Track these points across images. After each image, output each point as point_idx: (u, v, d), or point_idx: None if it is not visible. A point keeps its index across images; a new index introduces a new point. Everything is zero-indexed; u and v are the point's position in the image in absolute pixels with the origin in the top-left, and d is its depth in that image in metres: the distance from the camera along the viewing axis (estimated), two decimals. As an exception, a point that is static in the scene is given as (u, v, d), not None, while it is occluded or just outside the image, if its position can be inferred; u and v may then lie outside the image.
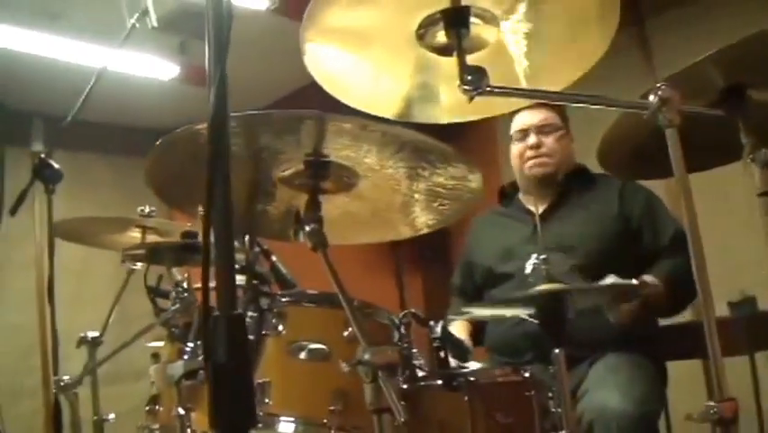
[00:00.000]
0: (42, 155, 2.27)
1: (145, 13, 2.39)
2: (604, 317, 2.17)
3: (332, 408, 1.58)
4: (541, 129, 2.45)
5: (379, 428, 1.14)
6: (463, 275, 2.67)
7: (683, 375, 2.45)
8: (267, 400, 1.60)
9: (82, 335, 2.42)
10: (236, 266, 2.15)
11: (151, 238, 2.40)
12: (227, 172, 0.69)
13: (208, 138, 0.68)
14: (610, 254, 2.27)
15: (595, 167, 2.00)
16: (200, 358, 1.70)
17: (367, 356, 1.11)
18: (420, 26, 1.36)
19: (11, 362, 4.44)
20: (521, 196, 2.59)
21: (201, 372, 1.66)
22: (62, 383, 2.18)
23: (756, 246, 1.48)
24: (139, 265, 2.36)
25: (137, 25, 2.41)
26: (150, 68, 4.47)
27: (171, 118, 4.99)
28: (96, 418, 2.38)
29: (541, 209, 2.42)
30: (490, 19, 1.36)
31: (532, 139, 2.45)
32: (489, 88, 1.26)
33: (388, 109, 1.52)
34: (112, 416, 2.44)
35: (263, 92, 4.70)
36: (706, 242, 1.31)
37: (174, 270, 2.14)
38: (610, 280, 2.03)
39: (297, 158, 1.49)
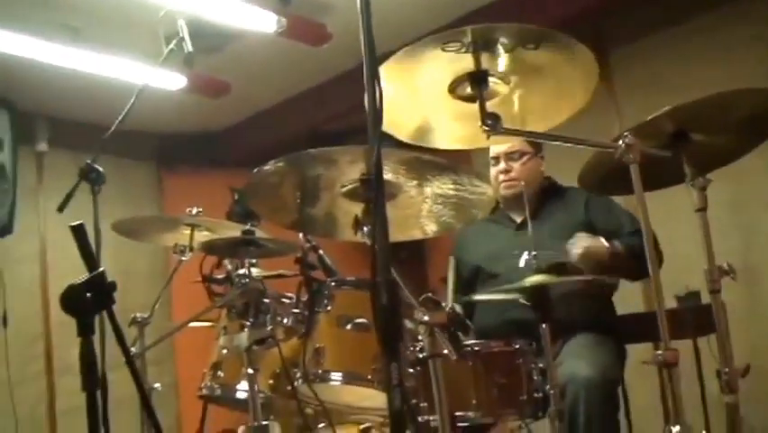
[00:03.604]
0: (88, 160, 2.45)
1: (182, 39, 2.82)
2: (577, 306, 2.68)
3: (374, 367, 2.06)
4: (509, 156, 2.91)
5: (434, 368, 1.61)
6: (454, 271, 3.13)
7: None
8: (322, 361, 2.08)
9: (132, 315, 2.72)
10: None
11: (199, 235, 2.80)
12: (383, 196, 1.14)
13: (374, 172, 1.13)
14: None
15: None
16: (268, 328, 2.15)
17: (426, 318, 1.57)
18: (452, 83, 1.80)
19: (18, 350, 4.64)
20: (503, 208, 3.06)
21: (269, 339, 2.11)
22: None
23: (697, 251, 1.93)
24: (187, 257, 2.77)
25: (175, 49, 2.85)
26: (159, 79, 4.85)
27: (177, 124, 5.40)
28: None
29: (520, 219, 2.93)
30: (503, 77, 1.83)
31: (501, 165, 2.92)
32: (503, 129, 1.74)
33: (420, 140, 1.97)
34: (157, 385, 2.82)
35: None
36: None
37: (226, 261, 2.57)
38: (582, 237, 2.56)
39: (353, 175, 1.95)
